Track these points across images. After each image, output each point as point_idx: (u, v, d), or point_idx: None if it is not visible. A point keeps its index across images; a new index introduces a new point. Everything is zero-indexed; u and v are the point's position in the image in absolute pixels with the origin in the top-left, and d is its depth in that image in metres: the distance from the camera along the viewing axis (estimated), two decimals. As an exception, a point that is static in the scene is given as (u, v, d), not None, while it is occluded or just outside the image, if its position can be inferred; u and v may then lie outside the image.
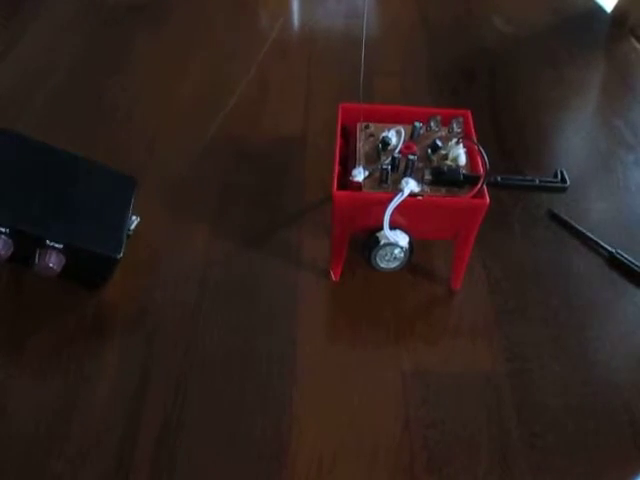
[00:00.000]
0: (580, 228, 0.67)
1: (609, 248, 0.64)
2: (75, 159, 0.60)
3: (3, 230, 0.52)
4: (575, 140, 0.82)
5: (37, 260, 0.53)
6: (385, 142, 0.57)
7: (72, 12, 0.99)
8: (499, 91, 0.87)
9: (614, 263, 0.64)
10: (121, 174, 0.62)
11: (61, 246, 0.54)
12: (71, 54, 0.90)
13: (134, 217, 0.62)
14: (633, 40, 0.99)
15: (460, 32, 1.00)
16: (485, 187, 0.53)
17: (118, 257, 0.56)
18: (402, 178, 0.53)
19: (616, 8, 1.04)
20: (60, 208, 0.56)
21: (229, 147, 0.76)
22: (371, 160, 0.57)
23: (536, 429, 0.51)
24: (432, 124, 0.59)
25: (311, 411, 0.51)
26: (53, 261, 0.53)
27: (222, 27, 0.98)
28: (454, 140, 0.57)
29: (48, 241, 0.53)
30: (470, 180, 0.54)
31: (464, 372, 0.54)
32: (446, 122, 0.60)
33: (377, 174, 0.55)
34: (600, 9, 1.07)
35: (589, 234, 0.66)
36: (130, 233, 0.61)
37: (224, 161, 0.74)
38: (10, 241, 0.52)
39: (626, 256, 0.63)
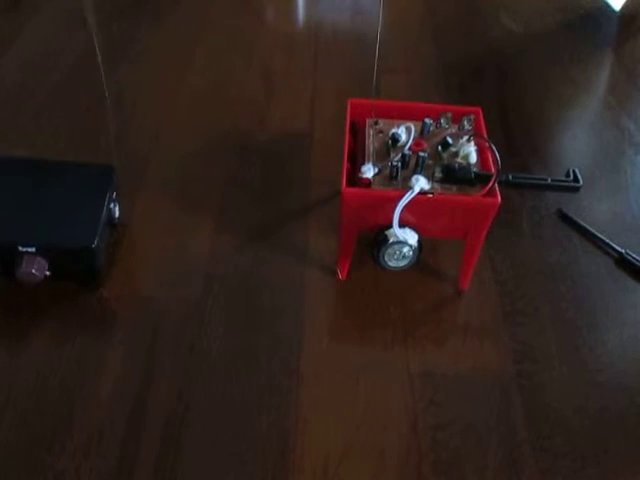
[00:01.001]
0: (589, 228, 0.66)
1: (618, 248, 0.64)
2: (38, 163, 0.60)
3: None
4: (583, 139, 0.81)
5: (18, 269, 0.53)
6: (395, 139, 0.56)
7: (75, 4, 0.98)
8: (507, 89, 0.86)
9: (623, 263, 0.63)
10: (96, 165, 0.61)
11: (34, 249, 0.53)
12: (74, 46, 0.89)
13: (113, 204, 0.60)
14: (642, 39, 0.98)
15: (467, 29, 0.99)
16: (497, 186, 0.52)
17: (92, 246, 0.54)
18: (412, 175, 0.53)
19: (625, 7, 1.03)
20: (28, 213, 0.56)
21: (234, 142, 0.75)
22: (380, 157, 0.56)
23: (545, 431, 0.50)
24: (442, 121, 0.58)
25: (317, 411, 0.51)
26: (35, 267, 0.53)
27: (228, 22, 0.97)
28: (465, 137, 0.56)
29: (20, 247, 0.53)
30: (481, 178, 0.53)
31: (472, 373, 0.54)
32: (456, 119, 0.59)
33: (387, 171, 0.54)
34: (609, 8, 1.06)
35: (598, 234, 0.65)
36: (116, 222, 0.59)
37: (229, 156, 0.73)
38: None
39: (635, 256, 0.63)
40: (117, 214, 0.60)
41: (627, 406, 0.52)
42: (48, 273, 0.55)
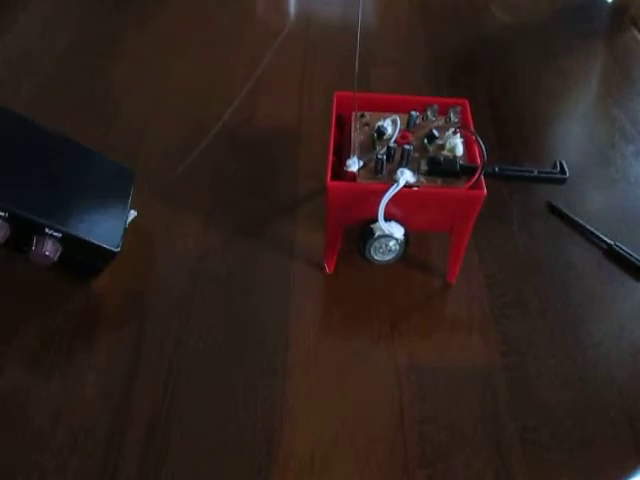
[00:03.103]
0: (579, 220, 0.66)
1: (608, 240, 0.63)
2: (75, 145, 0.59)
3: (2, 214, 0.50)
4: (574, 131, 0.81)
5: (33, 247, 0.52)
6: (380, 131, 0.55)
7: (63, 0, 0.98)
8: (497, 81, 0.86)
9: (612, 255, 0.63)
10: (120, 165, 0.61)
11: (59, 235, 0.52)
12: (61, 42, 0.88)
13: (132, 211, 0.61)
14: (634, 30, 0.98)
15: (458, 21, 0.98)
16: (482, 178, 0.52)
17: (116, 251, 0.55)
18: (397, 168, 0.52)
19: (617, -3, 1.02)
20: (60, 195, 0.55)
21: (222, 137, 0.75)
22: (366, 150, 0.55)
23: (532, 424, 0.50)
24: (429, 113, 0.58)
25: (303, 405, 0.50)
26: (50, 249, 0.52)
27: (216, 16, 0.96)
28: (451, 130, 0.56)
29: (47, 229, 0.52)
30: (467, 171, 0.52)
31: (459, 366, 0.54)
32: (443, 111, 0.58)
33: (372, 164, 0.53)
34: (601, -2, 1.05)
35: (588, 226, 0.65)
36: (127, 227, 0.59)
37: (217, 151, 0.73)
38: (7, 225, 0.51)
39: (625, 248, 0.63)
40: (129, 220, 0.60)
41: (614, 398, 0.52)
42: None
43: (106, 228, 0.55)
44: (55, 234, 0.52)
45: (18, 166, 0.54)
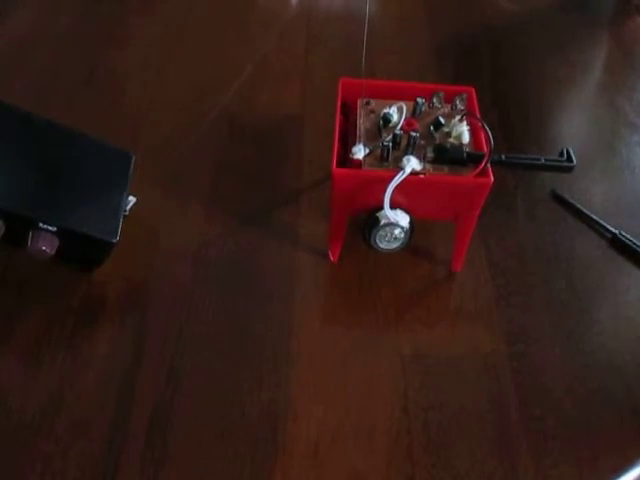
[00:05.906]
0: (583, 209, 0.65)
1: (612, 229, 0.63)
2: (68, 132, 0.58)
3: None
4: (579, 120, 0.80)
5: (30, 243, 0.51)
6: (386, 119, 0.55)
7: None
8: (502, 69, 0.85)
9: (617, 244, 0.63)
10: (117, 149, 0.60)
11: (54, 229, 0.52)
12: (63, 27, 0.87)
13: (130, 197, 0.60)
14: (639, 18, 0.97)
15: (462, 8, 0.97)
16: (489, 166, 0.52)
17: (114, 241, 0.54)
18: (403, 156, 0.52)
19: (622, -15, 1.01)
20: (54, 187, 0.54)
21: (225, 125, 0.74)
22: (372, 137, 0.55)
23: (536, 413, 0.50)
24: (435, 101, 0.57)
25: (307, 394, 0.50)
26: (46, 244, 0.52)
27: (219, 2, 0.95)
28: (457, 117, 0.55)
29: (41, 224, 0.51)
30: (474, 158, 0.52)
31: (464, 355, 0.54)
32: (449, 99, 0.58)
33: (378, 151, 0.53)
34: (605, -14, 1.04)
35: (592, 215, 0.65)
36: (126, 214, 0.59)
37: (220, 139, 0.72)
38: (1, 222, 0.50)
39: (629, 237, 0.62)
40: (128, 207, 0.59)
41: (619, 387, 0.52)
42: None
43: (102, 218, 0.55)
44: (50, 228, 0.52)
45: (7, 159, 0.53)
